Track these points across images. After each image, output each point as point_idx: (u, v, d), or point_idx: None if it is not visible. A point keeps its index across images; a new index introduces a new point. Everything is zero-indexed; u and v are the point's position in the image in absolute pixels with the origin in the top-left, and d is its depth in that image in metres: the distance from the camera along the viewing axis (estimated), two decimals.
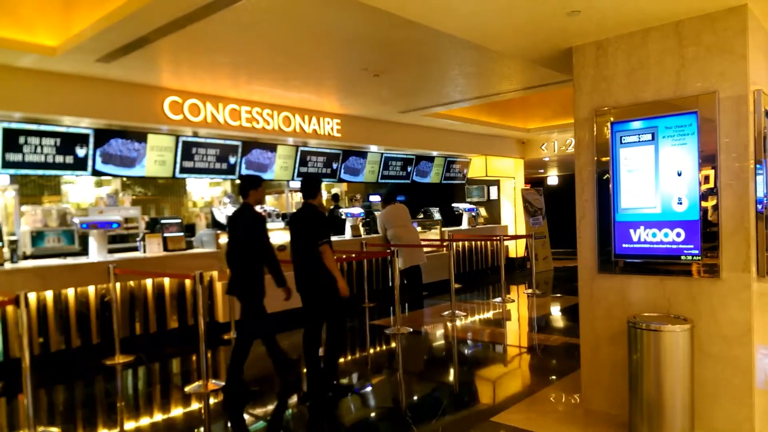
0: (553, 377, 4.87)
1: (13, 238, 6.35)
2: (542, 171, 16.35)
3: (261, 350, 5.09)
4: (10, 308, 5.31)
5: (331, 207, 9.76)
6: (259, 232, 4.76)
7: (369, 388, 4.93)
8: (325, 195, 10.40)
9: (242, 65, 5.86)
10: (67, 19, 4.85)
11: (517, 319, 7.46)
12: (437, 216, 10.60)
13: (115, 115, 6.24)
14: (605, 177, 3.88)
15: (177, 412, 4.41)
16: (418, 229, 9.53)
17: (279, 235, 7.62)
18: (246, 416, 4.30)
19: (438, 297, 8.82)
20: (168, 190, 10.12)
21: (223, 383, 4.87)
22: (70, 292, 5.81)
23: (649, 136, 3.68)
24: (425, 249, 8.69)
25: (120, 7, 4.03)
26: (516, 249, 12.67)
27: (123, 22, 4.12)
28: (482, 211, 12.55)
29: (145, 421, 4.22)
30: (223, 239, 7.04)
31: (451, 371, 5.38)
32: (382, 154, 10.16)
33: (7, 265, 5.53)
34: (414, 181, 11.26)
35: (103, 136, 6.50)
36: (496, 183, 13.02)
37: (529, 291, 9.16)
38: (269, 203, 10.39)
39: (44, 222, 7.03)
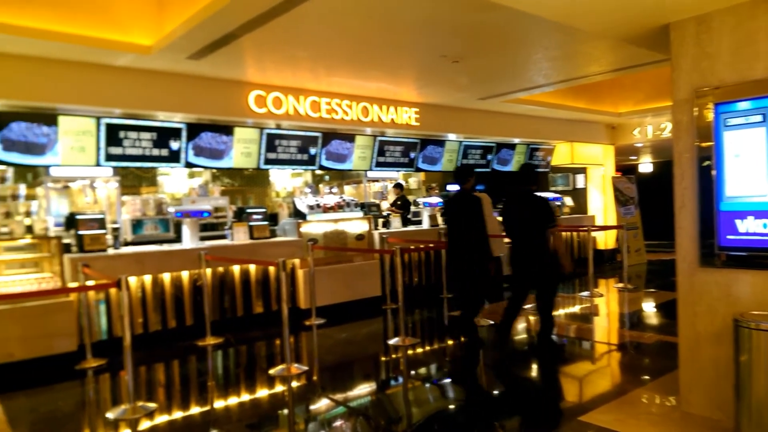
0: (647, 377, 4.58)
1: (115, 225, 6.84)
2: (634, 158, 15.43)
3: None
4: (113, 290, 5.75)
5: (398, 195, 9.74)
6: (480, 213, 5.45)
7: (448, 380, 4.88)
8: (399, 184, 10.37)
9: (321, 58, 5.94)
10: (160, 19, 5.12)
11: (607, 315, 7.10)
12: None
13: (205, 109, 6.54)
14: (706, 163, 3.56)
15: (262, 393, 4.57)
16: (498, 219, 9.27)
17: (357, 224, 7.72)
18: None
19: None
20: (253, 181, 10.53)
21: (305, 368, 5.01)
22: (166, 277, 6.19)
23: (759, 118, 3.34)
24: (505, 240, 8.45)
25: (208, 5, 4.19)
26: (605, 240, 12.06)
27: (211, 19, 4.28)
28: (567, 201, 12.03)
29: (233, 400, 4.42)
30: (305, 228, 7.23)
31: (535, 366, 5.21)
32: (461, 142, 9.97)
33: (111, 251, 5.97)
34: (494, 170, 10.98)
35: (194, 130, 6.84)
36: (583, 171, 12.44)
37: (620, 285, 8.68)
38: (347, 193, 10.54)
39: (143, 211, 7.52)
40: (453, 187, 11.32)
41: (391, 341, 5.77)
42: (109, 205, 7.84)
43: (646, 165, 15.81)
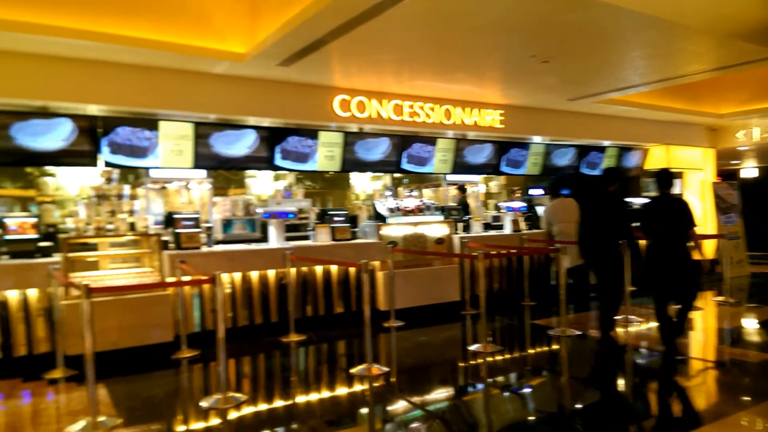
0: (748, 399, 4.23)
1: (207, 225, 7.23)
2: (737, 162, 14.29)
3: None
4: (206, 286, 6.08)
5: (459, 198, 9.57)
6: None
7: (528, 390, 4.74)
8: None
9: (405, 61, 5.98)
10: (253, 27, 5.37)
11: (704, 330, 6.62)
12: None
13: (292, 114, 6.78)
14: None
15: (343, 391, 4.65)
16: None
17: (437, 228, 7.68)
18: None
19: None
20: (333, 184, 10.75)
21: (386, 369, 5.04)
22: (253, 274, 6.46)
23: None
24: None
25: (300, 12, 4.34)
26: (704, 251, 11.23)
27: (303, 26, 4.44)
28: None
29: (315, 396, 4.53)
30: (385, 231, 7.29)
31: (623, 381, 4.95)
32: (546, 144, 9.68)
33: (204, 248, 6.31)
34: (580, 173, 10.55)
35: (281, 135, 7.10)
36: (680, 175, 11.69)
37: (720, 299, 8.06)
38: (426, 196, 10.52)
39: (232, 211, 7.89)
40: (536, 191, 11.01)
41: (472, 347, 5.69)
42: (201, 206, 8.32)
43: (750, 170, 14.59)
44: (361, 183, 10.80)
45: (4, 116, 5.66)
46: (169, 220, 6.34)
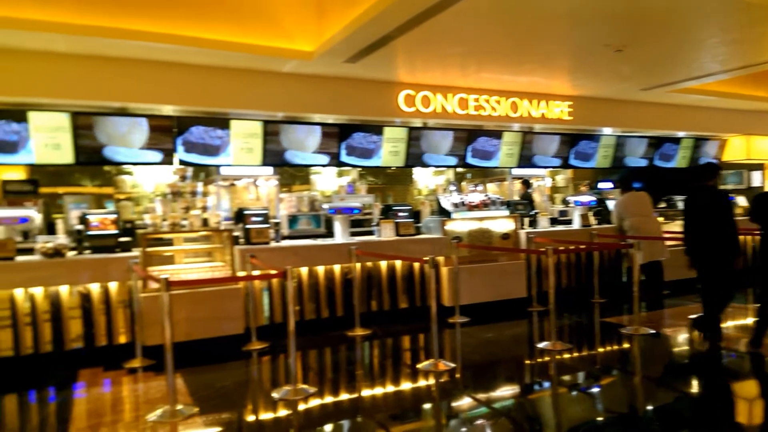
0: None
1: (275, 221, 7.40)
2: None
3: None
4: (274, 280, 6.22)
5: (523, 192, 9.29)
6: (730, 209, 5.54)
7: (599, 390, 4.57)
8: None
9: (472, 54, 5.88)
10: (320, 26, 5.43)
11: None
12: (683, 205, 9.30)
13: (357, 110, 6.83)
14: None
15: (409, 386, 4.65)
16: (659, 219, 8.50)
17: (502, 223, 7.53)
18: None
19: (682, 297, 7.78)
20: (395, 179, 10.75)
21: (452, 365, 4.99)
22: (320, 269, 6.55)
23: None
24: (668, 243, 7.71)
25: (368, 9, 4.35)
26: None
27: (370, 23, 4.44)
28: (740, 200, 10.65)
29: (382, 390, 4.55)
30: (449, 226, 7.21)
31: (700, 383, 4.69)
32: (617, 136, 9.29)
33: (272, 243, 6.45)
34: (654, 166, 10.07)
35: (346, 131, 7.16)
36: (760, 167, 10.94)
37: None
38: (490, 191, 10.33)
39: (298, 207, 8.04)
40: (605, 185, 10.60)
41: (540, 345, 5.55)
42: (268, 202, 8.53)
43: None
44: (424, 178, 10.74)
45: (86, 117, 5.99)
46: (239, 216, 6.53)
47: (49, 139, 5.91)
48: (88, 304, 5.45)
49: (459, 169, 9.84)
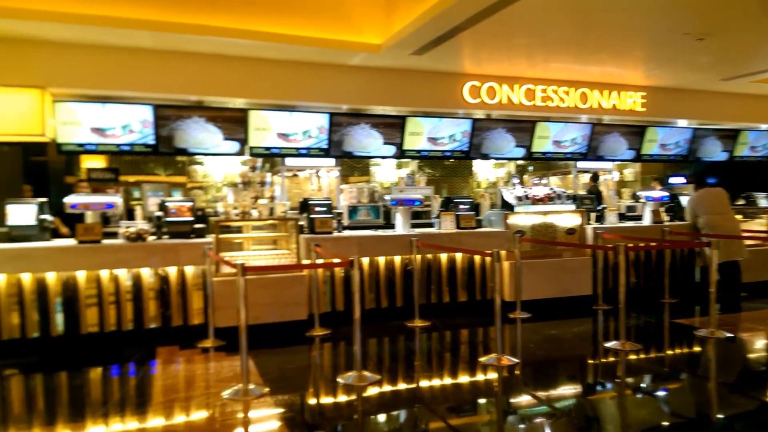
0: None
1: (337, 211, 7.54)
2: None
3: None
4: (337, 269, 6.36)
5: (590, 186, 8.98)
6: None
7: (669, 393, 4.41)
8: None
9: (540, 44, 5.78)
10: (389, 19, 5.48)
11: None
12: (765, 203, 8.78)
13: (421, 102, 6.84)
14: None
15: (469, 379, 4.65)
16: (737, 217, 8.07)
17: (568, 217, 7.37)
18: None
19: (763, 300, 7.37)
20: (454, 171, 10.70)
21: (516, 360, 4.96)
22: (380, 260, 6.64)
23: None
24: (746, 242, 7.32)
25: (438, 2, 4.35)
26: None
27: (442, 14, 4.45)
28: None
29: (442, 382, 4.58)
30: (511, 219, 7.12)
31: None
32: (693, 128, 8.86)
33: (335, 233, 6.59)
34: (733, 160, 9.54)
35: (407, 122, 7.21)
36: None
37: None
38: (554, 183, 10.11)
39: (358, 198, 8.17)
40: (677, 179, 10.16)
41: (609, 344, 5.41)
42: (328, 192, 8.70)
43: None
44: (484, 170, 10.63)
45: (166, 110, 6.31)
46: (304, 206, 6.70)
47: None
48: (165, 286, 5.76)
49: (520, 162, 9.68)
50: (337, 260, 5.47)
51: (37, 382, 4.72)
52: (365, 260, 6.56)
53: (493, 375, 4.69)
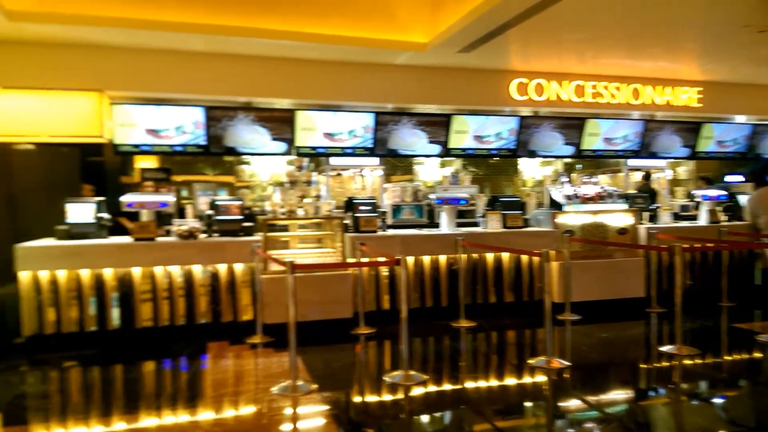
0: None
1: (381, 210, 7.55)
2: None
3: None
4: (381, 268, 6.37)
5: (641, 185, 8.65)
6: None
7: (727, 401, 4.22)
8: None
9: (591, 40, 5.64)
10: (435, 17, 5.45)
11: None
12: None
13: (467, 100, 6.79)
14: None
15: (516, 381, 4.58)
16: None
17: (619, 217, 7.15)
18: None
19: None
20: (499, 170, 10.54)
21: (567, 363, 4.83)
22: (425, 259, 6.61)
23: None
24: None
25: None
26: None
27: (491, 11, 4.39)
28: None
29: (488, 384, 4.52)
30: (560, 219, 6.96)
31: None
32: (752, 125, 8.47)
33: (379, 232, 6.60)
34: None
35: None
36: None
37: None
38: (603, 182, 9.83)
39: (401, 197, 8.15)
40: (733, 178, 9.71)
41: (664, 348, 5.22)
42: (372, 191, 8.72)
43: None
44: (530, 169, 10.44)
45: (217, 111, 6.46)
46: (349, 205, 6.74)
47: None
48: (216, 283, 5.90)
49: (567, 160, 9.46)
50: (382, 259, 5.48)
51: (94, 374, 4.91)
52: (410, 259, 6.54)
53: (542, 378, 4.60)
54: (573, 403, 4.15)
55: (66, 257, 5.44)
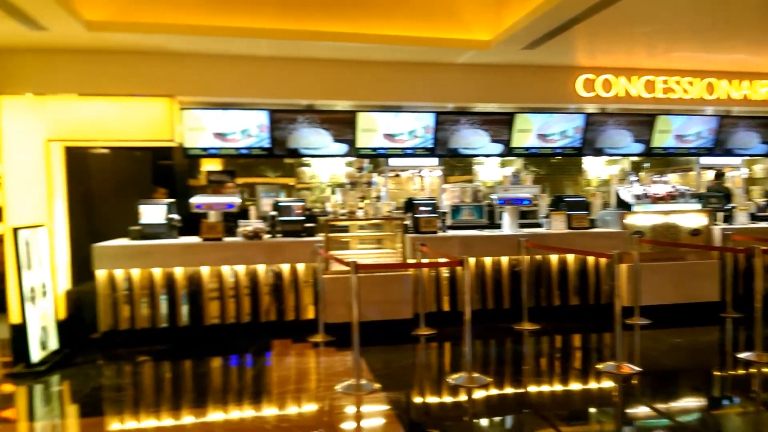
0: None
1: (441, 211, 7.48)
2: None
3: None
4: (441, 269, 6.32)
5: (712, 184, 8.14)
6: None
7: None
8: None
9: (662, 33, 5.39)
10: (499, 15, 5.36)
11: None
12: None
13: (531, 98, 6.65)
14: None
15: (586, 387, 4.43)
16: None
17: (692, 218, 6.80)
18: None
19: None
20: (561, 169, 10.25)
21: (638, 369, 4.63)
22: (486, 260, 6.51)
23: None
24: None
25: None
26: None
27: (558, 7, 4.29)
28: None
29: (552, 388, 4.39)
30: (629, 219, 6.70)
31: None
32: None
33: (439, 233, 6.55)
34: None
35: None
36: None
37: None
38: (673, 181, 9.37)
39: (461, 198, 8.06)
40: None
41: (741, 355, 4.93)
42: (431, 192, 8.67)
43: None
44: (595, 167, 10.09)
45: (280, 114, 6.61)
46: (409, 206, 6.73)
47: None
48: (279, 282, 6.02)
49: (634, 159, 9.09)
50: (443, 260, 5.44)
51: (165, 369, 5.12)
52: (471, 260, 6.45)
53: (609, 383, 4.44)
54: (642, 411, 3.99)
55: (139, 256, 5.70)
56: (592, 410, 4.07)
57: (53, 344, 5.29)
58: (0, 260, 5.81)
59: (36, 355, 4.94)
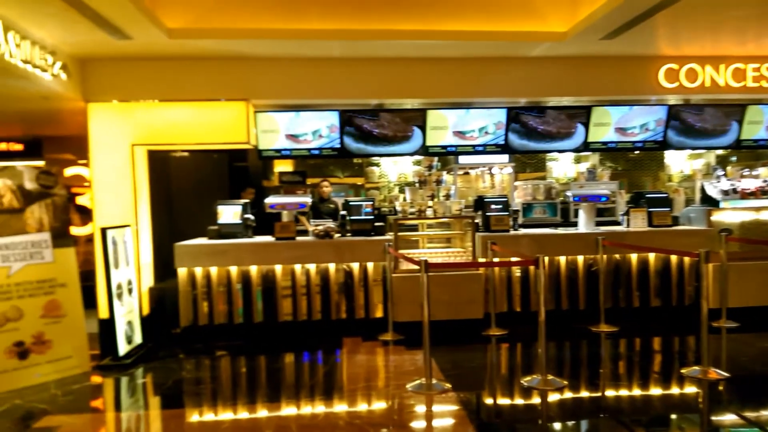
0: None
1: (512, 208, 7.31)
2: None
3: None
4: (513, 268, 6.18)
5: None
6: None
7: None
8: None
9: (753, 17, 5.01)
10: (576, 4, 5.16)
11: None
12: None
13: (609, 90, 6.39)
14: None
15: (668, 392, 4.20)
16: None
17: None
18: None
19: None
20: (639, 164, 9.76)
21: (726, 374, 4.34)
22: (561, 259, 6.30)
23: None
24: None
25: None
26: None
27: None
28: None
29: (624, 391, 4.19)
30: (716, 216, 6.28)
31: None
32: None
33: (511, 231, 6.40)
34: None
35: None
36: None
37: None
38: (764, 175, 8.67)
39: (533, 195, 7.83)
40: None
41: None
42: (501, 189, 8.50)
43: None
44: (676, 162, 9.53)
45: (348, 114, 6.69)
46: (479, 204, 6.62)
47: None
48: (350, 281, 6.10)
49: (719, 152, 8.51)
50: (515, 259, 5.31)
51: (241, 364, 5.30)
52: (545, 259, 6.26)
53: (692, 389, 4.18)
54: (729, 418, 3.76)
55: (216, 255, 5.94)
56: (674, 416, 3.85)
57: (138, 339, 5.61)
58: (89, 259, 6.23)
59: (122, 348, 5.26)
